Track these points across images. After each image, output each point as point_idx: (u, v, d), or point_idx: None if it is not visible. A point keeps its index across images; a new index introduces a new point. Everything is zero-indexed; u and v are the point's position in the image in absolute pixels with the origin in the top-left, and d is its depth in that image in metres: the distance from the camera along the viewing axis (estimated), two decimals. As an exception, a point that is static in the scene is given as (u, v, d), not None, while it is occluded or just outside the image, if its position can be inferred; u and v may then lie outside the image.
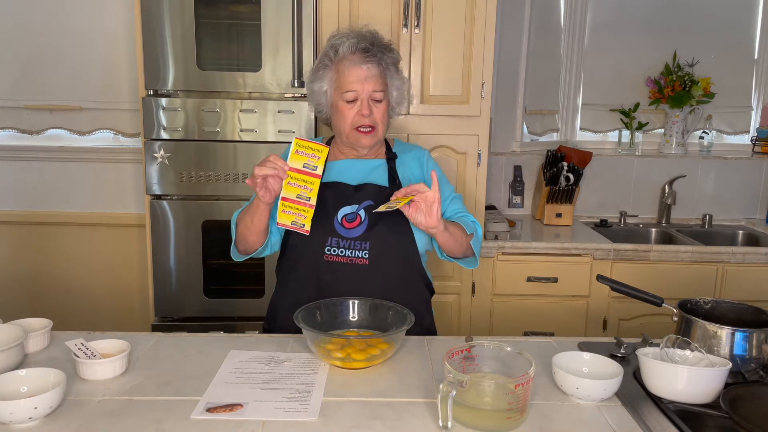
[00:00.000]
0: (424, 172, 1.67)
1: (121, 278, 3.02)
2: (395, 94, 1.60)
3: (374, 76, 1.54)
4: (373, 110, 1.55)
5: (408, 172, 1.66)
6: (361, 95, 1.54)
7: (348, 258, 1.55)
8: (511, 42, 3.01)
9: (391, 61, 1.58)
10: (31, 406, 1.06)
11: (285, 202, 1.41)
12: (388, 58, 1.57)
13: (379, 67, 1.55)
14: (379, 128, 1.58)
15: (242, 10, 2.40)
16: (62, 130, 2.94)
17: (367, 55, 1.53)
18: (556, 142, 3.21)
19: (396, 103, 1.63)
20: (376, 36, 1.59)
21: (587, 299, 2.60)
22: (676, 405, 1.16)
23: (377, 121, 1.57)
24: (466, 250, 1.58)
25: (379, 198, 1.56)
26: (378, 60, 1.55)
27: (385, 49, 1.57)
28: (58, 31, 2.84)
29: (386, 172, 1.64)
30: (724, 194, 3.15)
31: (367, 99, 1.55)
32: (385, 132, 1.63)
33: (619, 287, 1.47)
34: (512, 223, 2.78)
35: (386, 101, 1.58)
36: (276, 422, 1.11)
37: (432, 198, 1.39)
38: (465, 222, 1.58)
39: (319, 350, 1.34)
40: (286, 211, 1.41)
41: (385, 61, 1.57)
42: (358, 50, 1.53)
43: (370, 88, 1.54)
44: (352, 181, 1.62)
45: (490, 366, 1.22)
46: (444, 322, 2.60)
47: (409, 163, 1.67)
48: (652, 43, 3.13)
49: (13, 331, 1.33)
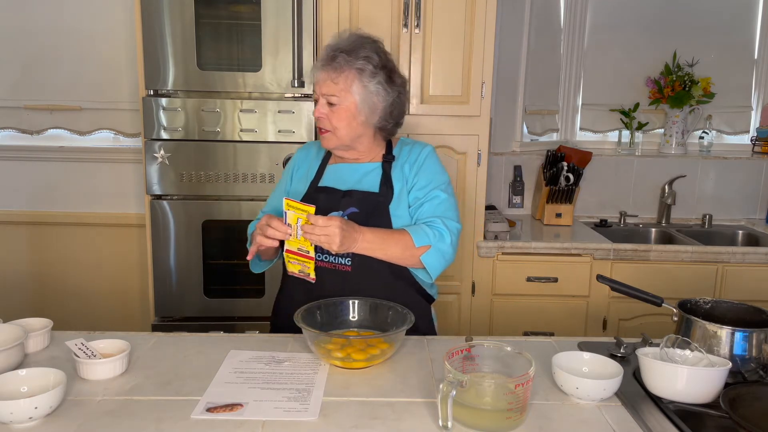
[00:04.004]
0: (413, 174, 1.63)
1: (121, 278, 3.03)
2: (359, 99, 1.55)
3: (331, 80, 1.54)
4: (329, 114, 1.56)
5: (402, 175, 1.64)
6: (319, 98, 1.57)
7: (332, 264, 1.56)
8: (511, 42, 3.01)
9: (361, 67, 1.54)
10: (31, 406, 1.06)
11: (289, 254, 1.49)
12: (359, 63, 1.53)
13: (341, 72, 1.53)
14: (340, 132, 1.57)
15: (242, 10, 2.40)
16: (62, 130, 2.95)
17: (331, 60, 1.54)
18: (556, 142, 3.21)
19: (370, 110, 1.57)
20: (358, 41, 1.57)
21: (587, 299, 2.60)
22: (676, 405, 1.16)
23: (334, 125, 1.56)
24: (413, 263, 1.56)
25: (365, 205, 1.57)
26: (339, 65, 1.53)
27: (357, 55, 1.54)
28: (58, 31, 2.84)
29: (380, 176, 1.63)
30: (724, 194, 3.15)
31: (325, 102, 1.56)
32: (354, 137, 1.59)
33: (619, 287, 1.47)
34: (512, 223, 2.78)
35: (347, 106, 1.55)
36: (276, 422, 1.11)
37: (316, 239, 1.42)
38: (422, 232, 1.53)
39: (319, 350, 1.34)
40: (292, 261, 1.50)
41: (356, 67, 1.53)
42: (327, 55, 1.55)
43: (324, 91, 1.55)
44: (343, 186, 1.62)
45: (490, 366, 1.22)
46: (444, 322, 2.60)
47: (404, 165, 1.65)
48: (652, 43, 3.13)
49: (13, 331, 1.33)
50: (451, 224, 1.57)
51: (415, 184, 1.62)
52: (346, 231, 1.43)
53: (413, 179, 1.62)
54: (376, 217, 1.57)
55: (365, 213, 1.57)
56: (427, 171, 1.63)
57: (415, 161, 1.64)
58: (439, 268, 1.56)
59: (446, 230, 1.55)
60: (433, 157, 1.68)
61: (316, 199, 1.59)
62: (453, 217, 1.60)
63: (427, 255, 1.53)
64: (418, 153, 1.66)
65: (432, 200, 1.60)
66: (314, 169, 1.70)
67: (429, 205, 1.60)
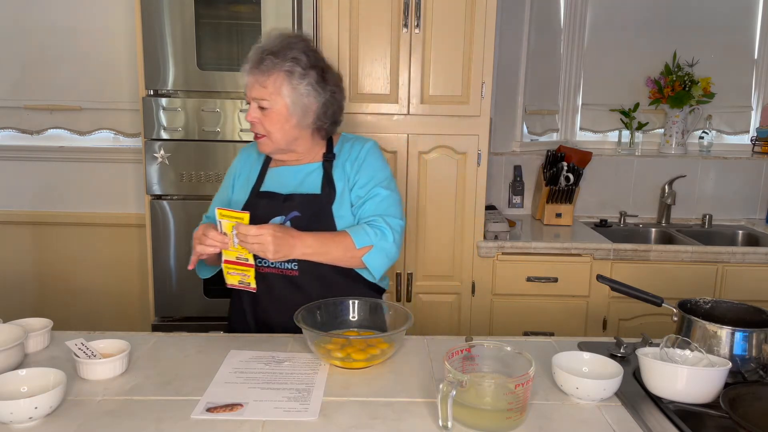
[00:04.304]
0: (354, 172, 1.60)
1: (121, 278, 3.03)
2: (289, 102, 1.51)
3: (259, 84, 1.51)
4: (262, 118, 1.53)
5: (343, 174, 1.61)
6: (251, 102, 1.54)
7: (279, 270, 1.55)
8: (511, 42, 3.01)
9: (289, 69, 1.50)
10: (31, 406, 1.06)
11: (228, 265, 1.47)
12: (287, 65, 1.50)
13: (269, 75, 1.50)
14: (274, 136, 1.54)
15: (242, 10, 2.40)
16: (62, 130, 2.95)
17: (258, 63, 1.51)
18: (556, 142, 3.21)
19: (302, 113, 1.54)
20: (285, 41, 1.53)
21: (587, 299, 2.60)
22: (676, 405, 1.16)
23: (267, 129, 1.54)
24: (356, 264, 1.54)
25: (307, 207, 1.56)
26: (267, 68, 1.50)
27: (284, 57, 1.50)
28: (58, 31, 2.84)
29: (321, 176, 1.61)
30: (724, 194, 3.15)
31: (256, 106, 1.53)
32: (290, 140, 1.57)
33: (619, 287, 1.47)
34: (512, 223, 2.78)
35: (279, 110, 1.52)
36: (276, 422, 1.11)
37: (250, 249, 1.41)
38: (363, 232, 1.52)
39: (319, 350, 1.34)
40: (231, 272, 1.48)
41: (284, 69, 1.50)
42: (255, 57, 1.52)
43: (254, 95, 1.52)
44: (284, 190, 1.60)
45: (490, 366, 1.22)
46: (444, 322, 2.60)
47: (345, 163, 1.62)
48: (652, 43, 3.13)
49: (13, 331, 1.33)
50: (394, 221, 1.56)
51: (356, 182, 1.59)
52: (281, 238, 1.42)
53: (354, 177, 1.60)
54: (320, 220, 1.56)
55: (308, 216, 1.56)
56: (368, 168, 1.60)
57: (356, 158, 1.62)
58: (382, 266, 1.55)
59: (388, 228, 1.54)
60: (374, 152, 1.65)
61: (258, 205, 1.58)
62: (395, 214, 1.58)
63: (369, 255, 1.52)
64: (359, 150, 1.63)
65: (373, 198, 1.58)
66: (255, 174, 1.67)
67: (371, 203, 1.58)
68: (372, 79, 2.42)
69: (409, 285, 2.57)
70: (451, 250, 2.56)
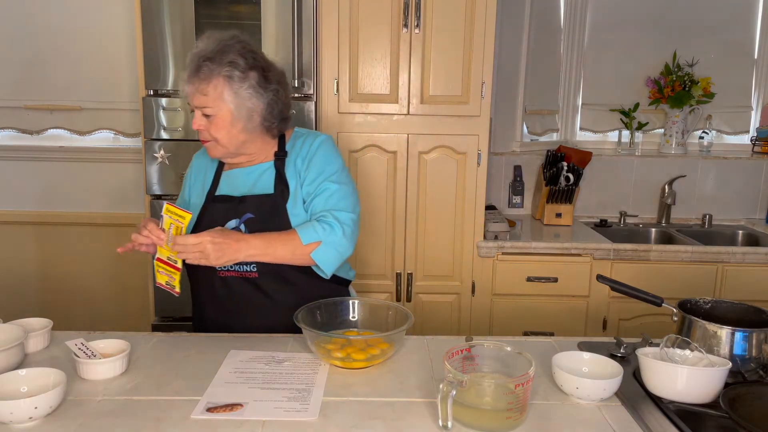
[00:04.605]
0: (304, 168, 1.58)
1: (121, 278, 3.03)
2: (233, 107, 1.48)
3: (200, 92, 1.48)
4: (208, 125, 1.50)
5: (295, 171, 1.59)
6: (194, 110, 1.52)
7: (238, 272, 1.54)
8: (511, 42, 3.01)
9: (228, 74, 1.47)
10: (31, 406, 1.06)
11: (159, 263, 1.47)
12: (225, 70, 1.46)
13: (209, 82, 1.47)
14: (222, 141, 1.51)
15: (242, 10, 2.40)
16: (62, 130, 2.95)
17: (196, 71, 1.47)
18: (556, 142, 3.21)
19: (247, 116, 1.50)
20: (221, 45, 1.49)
21: (587, 299, 2.60)
22: (676, 405, 1.16)
23: (214, 136, 1.51)
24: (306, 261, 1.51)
25: (261, 208, 1.54)
26: (205, 75, 1.46)
27: (222, 62, 1.46)
28: (58, 31, 2.84)
29: (273, 176, 1.59)
30: (724, 194, 3.15)
31: (200, 114, 1.50)
32: (238, 144, 1.54)
33: (619, 287, 1.47)
34: (512, 223, 2.78)
35: (223, 116, 1.49)
36: (276, 422, 1.11)
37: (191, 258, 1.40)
38: (311, 229, 1.50)
39: (319, 350, 1.34)
40: (161, 271, 1.47)
41: (223, 74, 1.46)
42: (192, 65, 1.49)
43: (196, 104, 1.50)
44: (238, 192, 1.59)
45: (490, 366, 1.22)
46: (444, 322, 2.60)
47: (296, 159, 1.60)
48: (652, 43, 3.13)
49: (13, 331, 1.33)
50: (342, 215, 1.53)
51: (306, 178, 1.57)
52: (222, 243, 1.40)
53: (305, 173, 1.58)
54: (274, 219, 1.54)
55: (262, 217, 1.54)
56: (317, 163, 1.58)
57: (307, 154, 1.59)
58: (332, 261, 1.52)
59: (336, 223, 1.51)
60: (325, 146, 1.61)
61: (214, 209, 1.57)
62: (345, 207, 1.55)
63: (317, 251, 1.49)
64: (309, 145, 1.61)
65: (322, 193, 1.56)
66: (210, 178, 1.65)
67: (319, 199, 1.56)
68: (372, 79, 2.42)
69: (409, 285, 2.57)
70: (451, 250, 2.56)
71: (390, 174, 2.49)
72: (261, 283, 1.54)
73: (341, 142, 2.45)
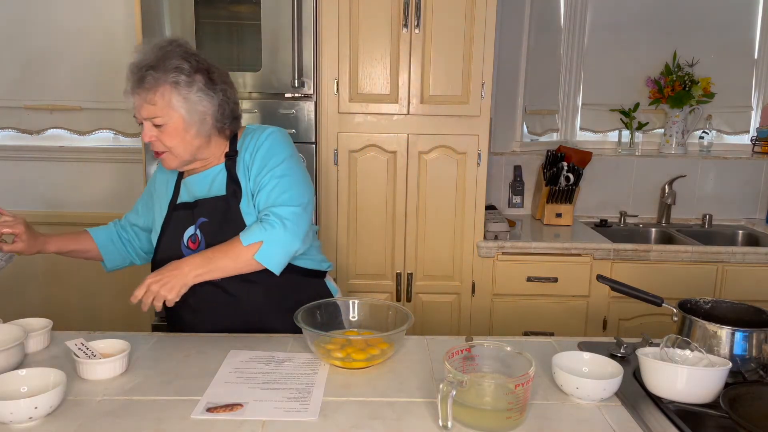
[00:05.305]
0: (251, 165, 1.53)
1: (121, 278, 3.02)
2: (184, 113, 1.45)
3: (147, 103, 1.44)
4: (159, 135, 1.46)
5: (245, 168, 1.55)
6: (143, 122, 1.48)
7: None
8: (511, 42, 3.01)
9: (174, 80, 1.43)
10: (31, 406, 1.06)
11: None
12: (170, 77, 1.43)
13: (155, 91, 1.43)
14: (176, 151, 1.48)
15: (242, 10, 2.40)
16: (62, 130, 2.95)
17: (141, 82, 1.43)
18: (556, 142, 3.21)
19: (200, 121, 1.47)
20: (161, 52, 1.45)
21: (587, 299, 2.60)
22: (676, 405, 1.16)
23: (168, 146, 1.47)
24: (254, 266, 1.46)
25: (215, 211, 1.52)
26: (150, 85, 1.43)
27: (166, 68, 1.43)
28: (58, 31, 2.84)
29: (225, 177, 1.55)
30: (724, 194, 3.15)
31: (151, 125, 1.46)
32: (193, 151, 1.50)
33: (619, 287, 1.47)
34: (512, 223, 2.78)
35: (175, 124, 1.45)
36: (276, 422, 1.11)
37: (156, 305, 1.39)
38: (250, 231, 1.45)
39: (319, 350, 1.34)
40: None
41: (169, 81, 1.43)
42: (135, 76, 1.45)
43: (145, 115, 1.45)
44: (192, 199, 1.57)
45: (490, 366, 1.22)
46: (444, 322, 2.60)
47: (245, 157, 1.55)
48: (652, 43, 3.13)
49: (13, 331, 1.33)
50: (282, 210, 1.47)
51: (251, 175, 1.53)
52: (162, 278, 1.39)
53: (251, 170, 1.54)
54: (228, 221, 1.51)
55: (217, 220, 1.52)
56: (260, 156, 1.53)
57: (253, 150, 1.54)
58: (278, 259, 1.46)
59: (275, 219, 1.45)
60: (271, 138, 1.56)
61: (174, 218, 1.56)
62: (285, 201, 1.48)
63: (260, 252, 1.44)
64: (256, 140, 1.56)
65: (263, 189, 1.51)
66: (171, 187, 1.62)
67: (261, 195, 1.51)
68: (372, 79, 2.42)
69: (409, 285, 2.57)
70: (451, 250, 2.56)
71: (390, 174, 2.49)
72: (223, 284, 1.51)
73: (341, 142, 2.45)
